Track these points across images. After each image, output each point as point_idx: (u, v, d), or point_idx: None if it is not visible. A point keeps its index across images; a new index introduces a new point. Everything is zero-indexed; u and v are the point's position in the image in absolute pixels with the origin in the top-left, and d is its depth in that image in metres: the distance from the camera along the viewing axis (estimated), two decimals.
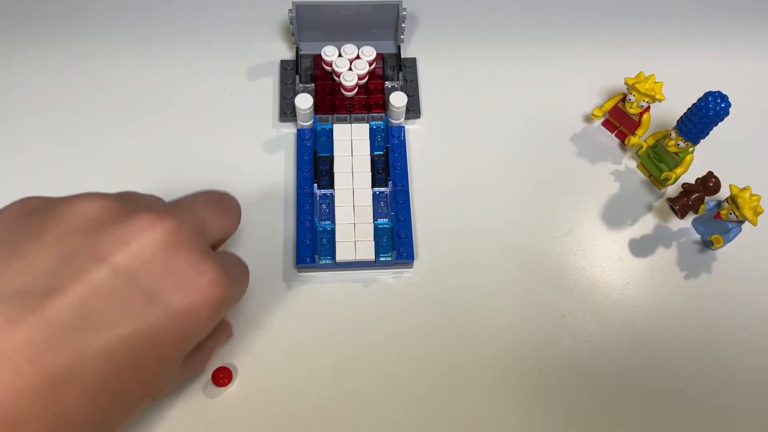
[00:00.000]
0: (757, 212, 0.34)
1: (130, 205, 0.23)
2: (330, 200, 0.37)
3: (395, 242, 0.36)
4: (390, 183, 0.37)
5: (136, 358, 0.21)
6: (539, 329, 0.35)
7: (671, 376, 0.34)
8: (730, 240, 0.36)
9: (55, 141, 0.39)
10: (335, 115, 0.40)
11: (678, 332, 0.35)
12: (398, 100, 0.38)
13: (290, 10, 0.39)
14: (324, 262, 0.35)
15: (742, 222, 0.35)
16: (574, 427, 0.33)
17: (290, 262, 0.36)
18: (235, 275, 0.26)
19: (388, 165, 0.38)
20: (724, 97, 0.34)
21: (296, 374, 0.33)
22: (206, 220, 0.25)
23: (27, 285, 0.19)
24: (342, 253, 0.35)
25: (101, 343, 0.20)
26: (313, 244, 0.35)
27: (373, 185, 0.37)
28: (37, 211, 0.22)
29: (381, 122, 0.40)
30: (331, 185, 0.37)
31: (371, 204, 0.37)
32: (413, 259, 0.36)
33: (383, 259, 0.35)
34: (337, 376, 0.33)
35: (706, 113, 0.34)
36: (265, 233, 0.37)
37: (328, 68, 0.40)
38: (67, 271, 0.20)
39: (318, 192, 0.37)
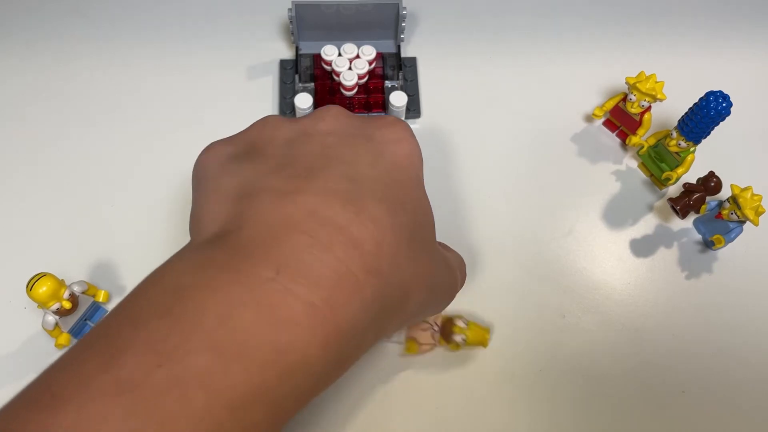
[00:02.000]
0: (758, 212, 0.33)
1: (293, 119, 0.27)
2: None
3: None
4: None
5: (393, 178, 0.24)
6: (539, 329, 0.35)
7: (672, 376, 0.34)
8: (732, 240, 0.36)
9: (51, 140, 0.39)
10: None
11: (679, 332, 0.35)
12: (398, 99, 0.38)
13: (290, 10, 0.39)
14: None
15: (744, 222, 0.35)
16: (575, 427, 0.33)
17: None
18: None
19: None
20: (725, 97, 0.33)
21: None
22: None
23: (281, 162, 0.23)
24: None
25: (362, 168, 0.23)
26: None
27: None
28: (233, 149, 0.26)
29: None
30: None
31: None
32: None
33: None
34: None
35: (708, 113, 0.34)
36: None
37: (327, 68, 0.40)
38: (298, 144, 0.24)
39: None
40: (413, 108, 0.40)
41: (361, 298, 0.20)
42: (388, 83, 0.41)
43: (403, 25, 0.41)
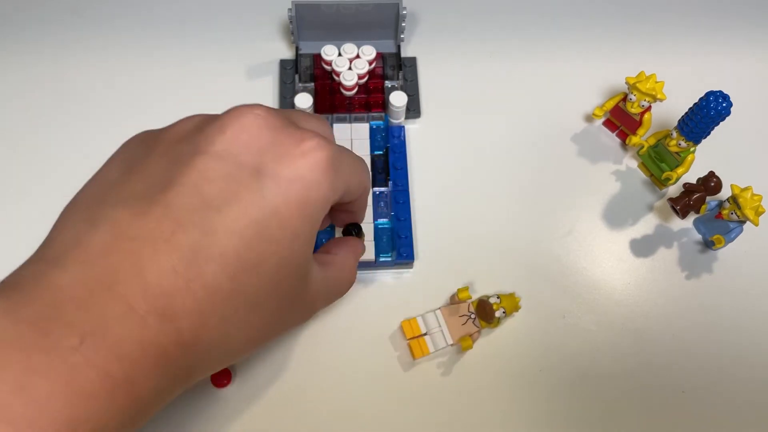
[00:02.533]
0: (758, 212, 0.33)
1: (213, 115, 0.24)
2: None
3: (395, 243, 0.35)
4: (390, 183, 0.37)
5: (263, 230, 0.21)
6: (540, 329, 0.35)
7: (672, 376, 0.34)
8: (732, 240, 0.36)
9: (52, 140, 0.39)
10: (335, 115, 0.40)
11: (679, 332, 0.35)
12: (398, 99, 0.38)
13: (290, 10, 0.39)
14: None
15: (744, 222, 0.35)
16: (575, 427, 0.33)
17: None
18: (349, 158, 0.26)
19: (388, 165, 0.38)
20: (725, 97, 0.33)
21: (295, 374, 0.33)
22: (296, 117, 0.26)
23: (146, 187, 0.21)
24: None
25: (224, 219, 0.20)
26: None
27: (373, 185, 0.37)
28: (146, 138, 0.24)
29: (381, 122, 0.40)
30: None
31: (371, 204, 0.36)
32: (413, 259, 0.35)
33: (383, 259, 0.35)
34: (336, 377, 0.33)
35: (708, 113, 0.34)
36: None
37: (327, 68, 0.40)
38: (177, 168, 0.21)
39: None
40: (413, 108, 0.40)
41: (168, 372, 0.19)
42: (388, 83, 0.41)
43: (403, 25, 0.41)
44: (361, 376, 0.33)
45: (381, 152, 0.38)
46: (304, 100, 0.38)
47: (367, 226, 0.36)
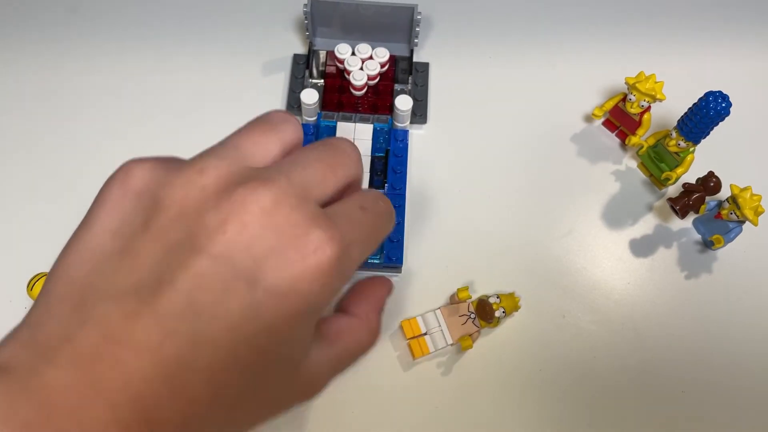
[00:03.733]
0: (757, 212, 0.33)
1: (234, 178, 0.22)
2: None
3: (385, 245, 0.35)
4: (387, 185, 0.37)
5: (252, 342, 0.21)
6: (540, 329, 0.35)
7: (672, 376, 0.34)
8: (731, 240, 0.36)
9: (52, 140, 0.39)
10: (341, 113, 0.40)
11: (679, 332, 0.35)
12: (403, 103, 0.38)
13: (305, 5, 0.39)
14: None
15: (743, 222, 0.35)
16: (575, 426, 0.33)
17: None
18: (358, 224, 0.24)
19: (387, 167, 0.38)
20: (724, 97, 0.33)
21: None
22: (311, 180, 0.24)
23: (139, 280, 0.20)
24: None
25: (213, 331, 0.20)
26: None
27: (370, 186, 0.37)
28: (142, 194, 0.23)
29: (385, 124, 0.40)
30: None
31: None
32: (402, 263, 0.35)
33: (371, 261, 0.35)
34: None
35: (707, 113, 0.34)
36: None
37: (339, 66, 0.40)
38: (173, 264, 0.20)
39: None
40: (420, 113, 0.40)
41: None
42: (397, 86, 0.41)
43: (417, 29, 0.41)
44: (361, 375, 0.33)
45: (382, 154, 0.38)
46: (309, 96, 0.38)
47: None
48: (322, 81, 0.41)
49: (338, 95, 0.40)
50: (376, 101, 0.40)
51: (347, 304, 0.28)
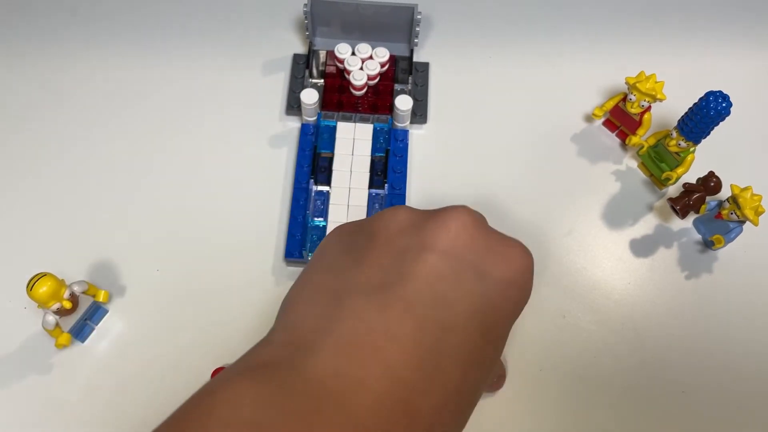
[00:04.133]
0: (758, 212, 0.33)
1: (423, 210, 0.26)
2: (325, 197, 0.37)
3: None
4: (387, 186, 0.37)
5: (485, 327, 0.22)
6: (540, 329, 0.35)
7: (672, 376, 0.34)
8: (732, 240, 0.36)
9: (52, 140, 0.39)
10: (341, 113, 0.40)
11: (679, 332, 0.35)
12: (403, 103, 0.38)
13: (305, 5, 0.39)
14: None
15: (743, 222, 0.35)
16: (575, 426, 0.33)
17: (281, 255, 0.36)
18: None
19: (387, 167, 0.38)
20: (725, 97, 0.33)
21: None
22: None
23: (383, 278, 0.22)
24: None
25: (457, 317, 0.21)
26: (303, 240, 0.35)
27: (370, 186, 0.37)
28: (354, 231, 0.25)
29: (385, 124, 0.40)
30: (328, 182, 0.37)
31: (366, 205, 0.37)
32: None
33: None
34: None
35: (707, 113, 0.34)
36: (261, 224, 0.37)
37: (339, 65, 0.40)
38: (408, 263, 0.22)
39: (314, 188, 0.37)
40: (420, 113, 0.40)
41: None
42: (398, 86, 0.41)
43: (417, 29, 0.41)
44: None
45: (382, 154, 0.38)
46: (309, 96, 0.38)
47: None
48: (322, 81, 0.41)
49: (338, 95, 0.40)
50: (376, 101, 0.40)
51: None
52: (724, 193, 0.35)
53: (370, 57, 0.40)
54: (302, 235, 0.35)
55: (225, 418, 0.18)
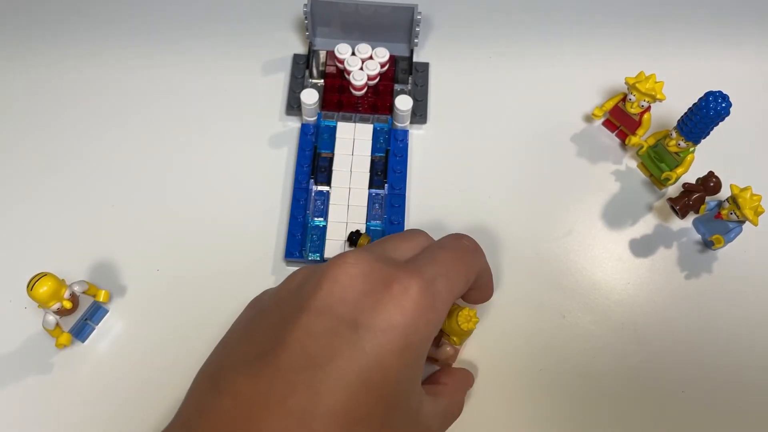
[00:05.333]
0: (757, 212, 0.33)
1: (316, 267, 0.26)
2: (325, 197, 0.37)
3: None
4: (387, 186, 0.37)
5: (366, 382, 0.22)
6: (540, 329, 0.35)
7: (672, 376, 0.34)
8: (731, 240, 0.36)
9: (52, 140, 0.39)
10: (341, 113, 0.40)
11: (679, 332, 0.35)
12: (403, 103, 0.38)
13: (305, 5, 0.39)
14: (312, 258, 0.35)
15: (743, 222, 0.35)
16: (575, 427, 0.33)
17: (281, 255, 0.36)
18: (439, 261, 0.26)
19: (387, 168, 0.38)
20: (724, 97, 0.33)
21: None
22: (393, 250, 0.27)
23: (259, 347, 0.23)
24: (331, 251, 0.35)
25: (329, 376, 0.21)
26: (303, 239, 0.35)
27: (370, 186, 0.37)
28: (264, 298, 0.27)
29: (385, 124, 0.40)
30: (328, 182, 0.37)
31: (366, 205, 0.37)
32: None
33: None
34: None
35: (707, 113, 0.34)
36: (261, 223, 0.37)
37: (339, 66, 0.40)
38: (283, 326, 0.23)
39: (314, 188, 0.37)
40: (420, 113, 0.40)
41: None
42: (397, 86, 0.41)
43: (417, 29, 0.41)
44: None
45: (382, 154, 0.38)
46: (309, 96, 0.38)
47: (359, 227, 0.36)
48: (322, 81, 0.41)
49: (338, 95, 0.40)
50: (376, 101, 0.40)
51: (437, 377, 0.31)
52: (724, 193, 0.35)
53: (370, 57, 0.40)
54: (302, 235, 0.36)
55: None
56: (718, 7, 0.47)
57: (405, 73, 0.41)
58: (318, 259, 0.35)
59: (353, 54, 0.40)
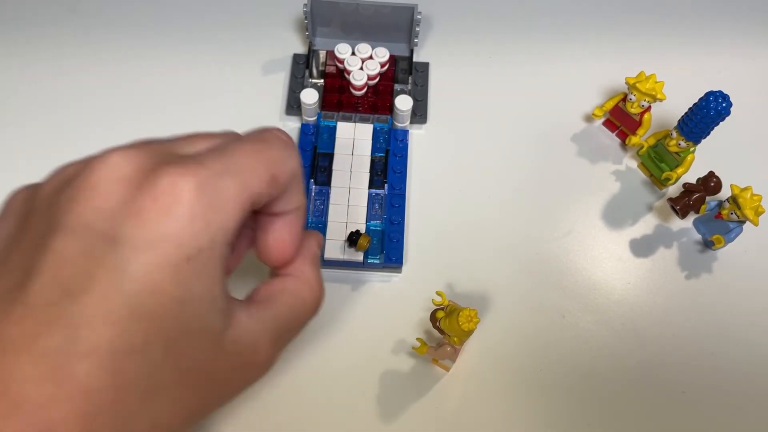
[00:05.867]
0: (758, 212, 0.33)
1: (72, 167, 0.22)
2: (325, 197, 0.37)
3: (385, 245, 0.35)
4: (387, 186, 0.37)
5: (136, 308, 0.18)
6: (540, 329, 0.35)
7: (672, 376, 0.34)
8: (731, 240, 0.36)
9: (52, 139, 0.39)
10: (341, 113, 0.40)
11: (679, 332, 0.35)
12: (403, 103, 0.38)
13: (305, 5, 0.39)
14: None
15: (743, 222, 0.35)
16: (575, 426, 0.33)
17: None
18: (230, 155, 0.22)
19: (387, 167, 0.38)
20: (725, 97, 0.33)
21: (276, 371, 0.33)
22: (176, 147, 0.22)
23: (8, 280, 0.19)
24: (330, 252, 0.35)
25: (87, 308, 0.18)
26: None
27: (370, 186, 0.37)
28: (22, 201, 0.22)
29: (385, 124, 0.40)
30: (328, 182, 0.37)
31: (366, 205, 0.37)
32: (402, 264, 0.35)
33: (371, 261, 0.35)
34: (319, 375, 0.33)
35: (708, 113, 0.34)
36: None
37: (339, 65, 0.40)
38: (36, 251, 0.19)
39: (314, 188, 0.37)
40: (420, 113, 0.40)
41: None
42: (397, 86, 0.41)
43: (417, 29, 0.41)
44: (360, 375, 0.33)
45: (382, 154, 0.38)
46: (309, 96, 0.38)
47: (359, 227, 0.36)
48: (322, 81, 0.41)
49: (338, 95, 0.40)
50: (376, 101, 0.40)
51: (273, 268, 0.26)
52: (724, 193, 0.35)
53: (370, 57, 0.40)
54: None
55: None
56: (718, 7, 0.47)
57: (405, 73, 0.41)
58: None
59: (353, 54, 0.40)
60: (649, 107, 0.38)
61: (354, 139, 0.39)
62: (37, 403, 0.17)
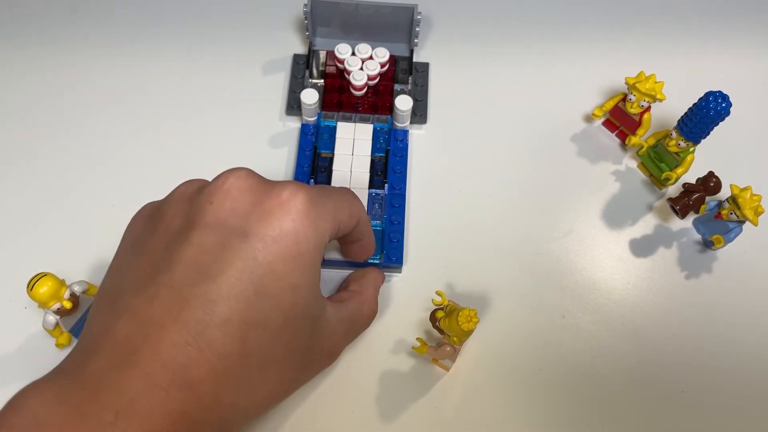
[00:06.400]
0: (757, 212, 0.33)
1: (200, 182, 0.27)
2: None
3: (385, 245, 0.35)
4: (387, 186, 0.37)
5: (260, 289, 0.23)
6: (540, 329, 0.35)
7: (672, 376, 0.34)
8: (731, 240, 0.36)
9: (52, 139, 0.39)
10: (341, 113, 0.40)
11: (679, 332, 0.35)
12: (403, 103, 0.38)
13: (305, 5, 0.39)
14: None
15: (743, 222, 0.35)
16: (575, 426, 0.33)
17: None
18: (329, 194, 0.27)
19: (387, 167, 0.38)
20: (725, 97, 0.33)
21: None
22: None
23: (153, 268, 0.23)
24: (331, 252, 0.35)
25: (221, 287, 0.22)
26: None
27: (370, 186, 0.37)
28: (149, 214, 0.27)
29: (385, 124, 0.40)
30: (328, 182, 0.37)
31: (366, 205, 0.37)
32: (402, 264, 0.35)
33: (371, 261, 0.35)
34: (318, 375, 0.33)
35: (707, 113, 0.34)
36: None
37: (339, 66, 0.40)
38: (176, 245, 0.23)
39: None
40: (420, 113, 0.40)
41: None
42: (397, 87, 0.41)
43: (417, 29, 0.41)
44: (360, 375, 0.33)
45: (382, 154, 0.38)
46: (309, 96, 0.38)
47: None
48: (322, 81, 0.41)
49: (338, 95, 0.40)
50: (376, 101, 0.40)
51: (347, 283, 0.32)
52: (724, 193, 0.35)
53: (370, 57, 0.40)
54: None
55: (27, 414, 0.21)
56: (718, 7, 0.47)
57: (405, 73, 0.41)
58: None
59: (353, 54, 0.40)
60: (649, 107, 0.38)
61: (354, 139, 0.39)
62: (182, 364, 0.21)
